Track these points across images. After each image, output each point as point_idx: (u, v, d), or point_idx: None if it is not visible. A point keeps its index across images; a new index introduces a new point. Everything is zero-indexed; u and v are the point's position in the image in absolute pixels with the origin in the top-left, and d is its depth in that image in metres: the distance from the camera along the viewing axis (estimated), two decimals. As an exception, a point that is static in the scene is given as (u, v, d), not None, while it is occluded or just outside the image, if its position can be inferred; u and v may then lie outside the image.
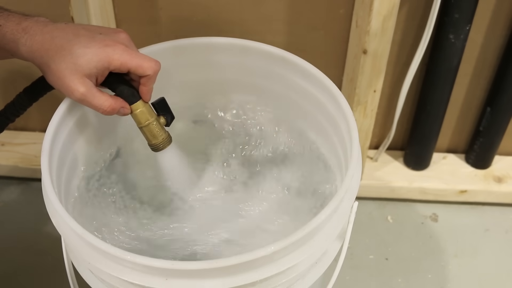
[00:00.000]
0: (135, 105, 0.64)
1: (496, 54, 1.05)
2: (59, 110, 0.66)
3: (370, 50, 0.93)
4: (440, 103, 1.08)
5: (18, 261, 1.08)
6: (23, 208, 1.16)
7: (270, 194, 0.74)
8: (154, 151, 0.67)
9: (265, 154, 0.78)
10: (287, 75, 0.75)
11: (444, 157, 1.22)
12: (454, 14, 0.94)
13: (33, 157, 1.18)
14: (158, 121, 0.65)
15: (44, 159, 0.62)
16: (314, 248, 0.58)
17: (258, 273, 0.56)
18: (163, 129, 0.66)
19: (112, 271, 0.56)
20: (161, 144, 0.66)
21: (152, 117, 0.65)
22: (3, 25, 0.60)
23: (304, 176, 0.75)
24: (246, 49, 0.75)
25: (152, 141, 0.66)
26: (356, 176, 0.63)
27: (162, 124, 0.66)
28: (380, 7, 0.88)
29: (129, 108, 0.64)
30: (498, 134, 1.14)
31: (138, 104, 0.64)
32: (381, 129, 1.17)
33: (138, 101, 0.64)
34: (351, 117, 0.66)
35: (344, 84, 1.04)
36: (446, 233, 1.16)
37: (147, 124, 0.65)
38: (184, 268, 0.54)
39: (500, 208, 1.20)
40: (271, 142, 0.79)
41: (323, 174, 0.75)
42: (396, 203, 1.20)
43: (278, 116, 0.79)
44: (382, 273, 1.09)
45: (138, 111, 0.64)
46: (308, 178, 0.75)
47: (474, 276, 1.09)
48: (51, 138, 0.64)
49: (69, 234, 0.58)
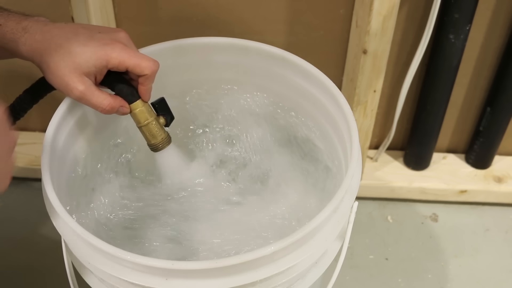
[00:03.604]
0: (134, 105, 0.64)
1: (496, 54, 1.05)
2: (59, 110, 0.66)
3: (370, 50, 0.93)
4: (440, 103, 1.08)
5: (18, 261, 1.08)
6: (23, 208, 1.15)
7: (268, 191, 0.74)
8: (153, 151, 0.67)
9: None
10: (287, 75, 0.75)
11: (444, 157, 1.22)
12: (454, 14, 0.94)
13: (33, 157, 1.18)
14: (157, 121, 0.66)
15: (44, 159, 0.62)
16: (314, 248, 0.58)
17: (258, 273, 0.56)
18: (162, 129, 0.66)
19: (112, 271, 0.56)
20: (160, 144, 0.66)
21: (151, 117, 0.65)
22: (3, 25, 0.60)
23: (303, 175, 0.75)
24: (246, 49, 0.75)
25: (151, 141, 0.66)
26: (356, 176, 0.63)
27: (161, 124, 0.66)
28: (380, 7, 0.88)
29: (128, 107, 0.64)
30: (498, 134, 1.14)
31: (137, 104, 0.64)
32: (381, 129, 1.17)
33: (137, 101, 0.64)
34: (351, 117, 0.66)
35: (344, 84, 1.04)
36: (446, 233, 1.16)
37: (146, 124, 0.65)
38: (184, 268, 0.54)
39: (500, 208, 1.20)
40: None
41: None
42: (396, 203, 1.20)
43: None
44: (382, 273, 1.09)
45: (137, 111, 0.64)
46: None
47: (474, 276, 1.09)
48: (51, 138, 0.64)
49: (69, 234, 0.58)
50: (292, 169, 0.76)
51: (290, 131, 0.78)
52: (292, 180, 0.75)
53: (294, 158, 0.77)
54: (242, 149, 0.78)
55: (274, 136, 0.78)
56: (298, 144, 0.77)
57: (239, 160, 0.77)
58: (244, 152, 0.78)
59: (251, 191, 0.74)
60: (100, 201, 0.71)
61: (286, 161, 0.77)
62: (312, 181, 0.74)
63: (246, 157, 0.78)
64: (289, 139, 0.78)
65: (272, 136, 0.78)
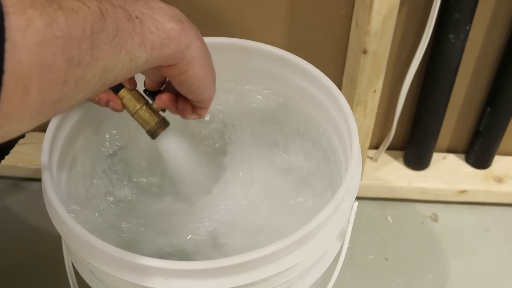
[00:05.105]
0: (120, 93, 0.62)
1: (496, 54, 1.05)
2: (59, 110, 0.66)
3: (370, 50, 0.93)
4: (440, 103, 1.08)
5: (18, 261, 1.08)
6: (23, 208, 1.15)
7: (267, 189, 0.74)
8: (152, 138, 0.65)
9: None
10: (287, 75, 0.75)
11: (444, 157, 1.22)
12: (454, 14, 0.94)
13: (33, 157, 1.18)
14: (148, 106, 0.63)
15: (44, 159, 0.62)
16: (314, 248, 0.58)
17: (258, 273, 0.56)
18: (155, 113, 0.63)
19: (112, 271, 0.56)
20: (154, 129, 0.64)
21: (140, 103, 0.63)
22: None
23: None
24: (246, 49, 0.75)
25: (146, 128, 0.64)
26: (356, 176, 0.63)
27: (155, 109, 0.63)
28: (380, 7, 0.88)
29: (119, 101, 0.62)
30: (498, 134, 1.14)
31: (123, 92, 0.62)
32: (381, 129, 1.17)
33: (122, 89, 0.62)
34: (351, 117, 0.66)
35: (344, 84, 1.04)
36: (446, 233, 1.16)
37: (136, 111, 0.62)
38: (184, 268, 0.54)
39: (500, 208, 1.20)
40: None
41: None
42: (396, 203, 1.20)
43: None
44: (382, 273, 1.09)
45: (125, 99, 0.62)
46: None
47: (474, 276, 1.09)
48: (51, 138, 0.64)
49: (69, 234, 0.58)
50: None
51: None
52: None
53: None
54: (237, 149, 0.78)
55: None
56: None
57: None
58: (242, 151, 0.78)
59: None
60: (100, 201, 0.71)
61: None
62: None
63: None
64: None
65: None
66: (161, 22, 0.47)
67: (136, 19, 0.44)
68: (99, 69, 0.40)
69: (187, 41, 0.50)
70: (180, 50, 0.49)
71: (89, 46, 0.38)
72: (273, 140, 0.78)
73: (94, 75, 0.40)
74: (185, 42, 0.50)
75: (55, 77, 0.36)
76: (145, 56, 0.45)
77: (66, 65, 0.37)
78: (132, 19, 0.44)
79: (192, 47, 0.51)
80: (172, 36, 0.48)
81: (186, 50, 0.50)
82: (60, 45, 0.36)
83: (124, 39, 0.42)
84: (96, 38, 0.39)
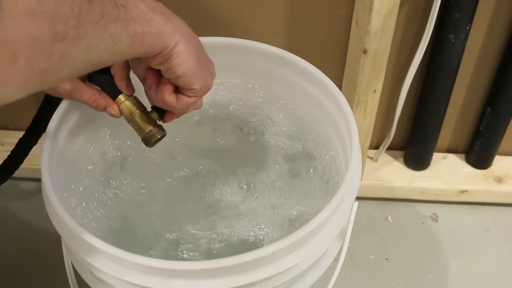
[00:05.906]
0: (118, 100, 0.62)
1: (497, 54, 1.05)
2: (59, 110, 0.66)
3: (370, 50, 0.93)
4: (440, 103, 1.08)
5: (18, 261, 1.08)
6: (23, 208, 1.15)
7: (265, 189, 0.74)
8: (146, 146, 0.64)
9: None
10: (287, 75, 0.75)
11: (444, 157, 1.22)
12: (454, 14, 0.94)
13: (33, 157, 1.17)
14: (144, 113, 0.62)
15: (44, 159, 0.62)
16: (314, 248, 0.58)
17: (258, 273, 0.55)
18: (150, 121, 0.63)
19: (112, 271, 0.56)
20: (148, 136, 0.62)
21: (136, 110, 0.62)
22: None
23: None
24: (246, 49, 0.75)
25: (140, 135, 0.63)
26: (356, 176, 0.63)
27: (151, 118, 0.63)
28: (380, 7, 0.87)
29: (115, 106, 0.62)
30: (498, 134, 1.14)
31: (120, 98, 0.62)
32: (381, 129, 1.17)
33: (120, 95, 0.62)
34: (351, 117, 0.66)
35: (344, 84, 1.04)
36: (446, 233, 1.16)
37: (131, 118, 0.62)
38: (184, 268, 0.54)
39: (500, 208, 1.20)
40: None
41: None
42: (396, 203, 1.20)
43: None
44: (382, 273, 1.09)
45: (121, 105, 0.62)
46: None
47: (474, 276, 1.09)
48: (51, 138, 0.64)
49: (69, 234, 0.58)
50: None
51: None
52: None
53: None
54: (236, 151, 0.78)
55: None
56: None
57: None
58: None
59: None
60: (100, 201, 0.71)
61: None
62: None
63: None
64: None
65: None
66: (143, 12, 0.50)
67: (121, 6, 0.48)
68: (83, 47, 0.43)
69: (168, 29, 0.52)
70: (161, 38, 0.52)
71: (75, 24, 0.41)
72: (273, 140, 0.78)
73: (78, 52, 0.42)
74: (166, 30, 0.52)
75: (42, 49, 0.39)
76: (128, 41, 0.48)
77: (52, 38, 0.39)
78: (117, 6, 0.47)
79: (174, 36, 0.53)
80: (152, 24, 0.50)
81: (167, 38, 0.53)
82: (47, 20, 0.39)
83: (109, 23, 0.45)
84: (82, 18, 0.42)
